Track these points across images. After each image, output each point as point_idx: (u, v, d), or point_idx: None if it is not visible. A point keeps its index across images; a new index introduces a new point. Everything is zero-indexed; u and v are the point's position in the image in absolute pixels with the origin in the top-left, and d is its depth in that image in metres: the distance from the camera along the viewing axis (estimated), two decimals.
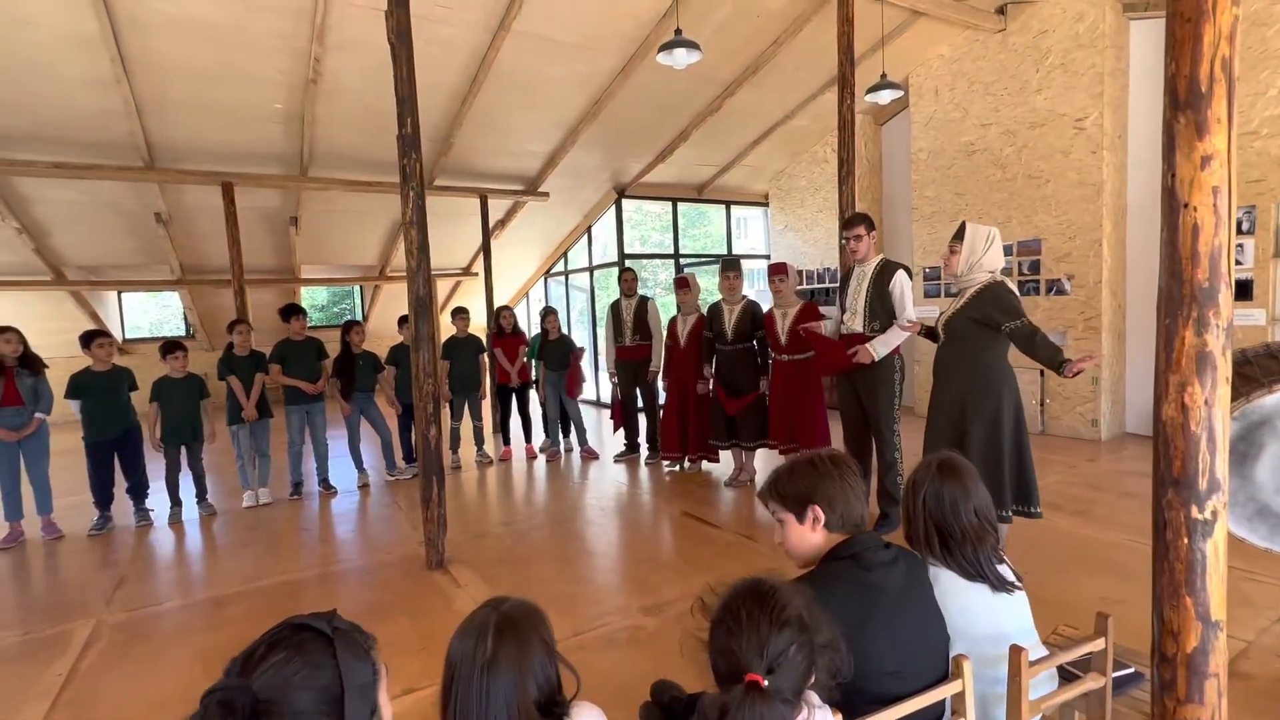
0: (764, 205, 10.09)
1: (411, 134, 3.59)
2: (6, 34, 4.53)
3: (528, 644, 1.04)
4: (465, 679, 1.01)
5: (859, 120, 7.70)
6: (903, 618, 1.33)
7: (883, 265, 3.84)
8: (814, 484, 1.41)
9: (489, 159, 7.56)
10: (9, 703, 2.61)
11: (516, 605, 1.10)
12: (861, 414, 3.98)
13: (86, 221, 7.28)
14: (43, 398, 4.61)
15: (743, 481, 5.12)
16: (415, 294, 3.67)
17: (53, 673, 2.82)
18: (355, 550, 4.26)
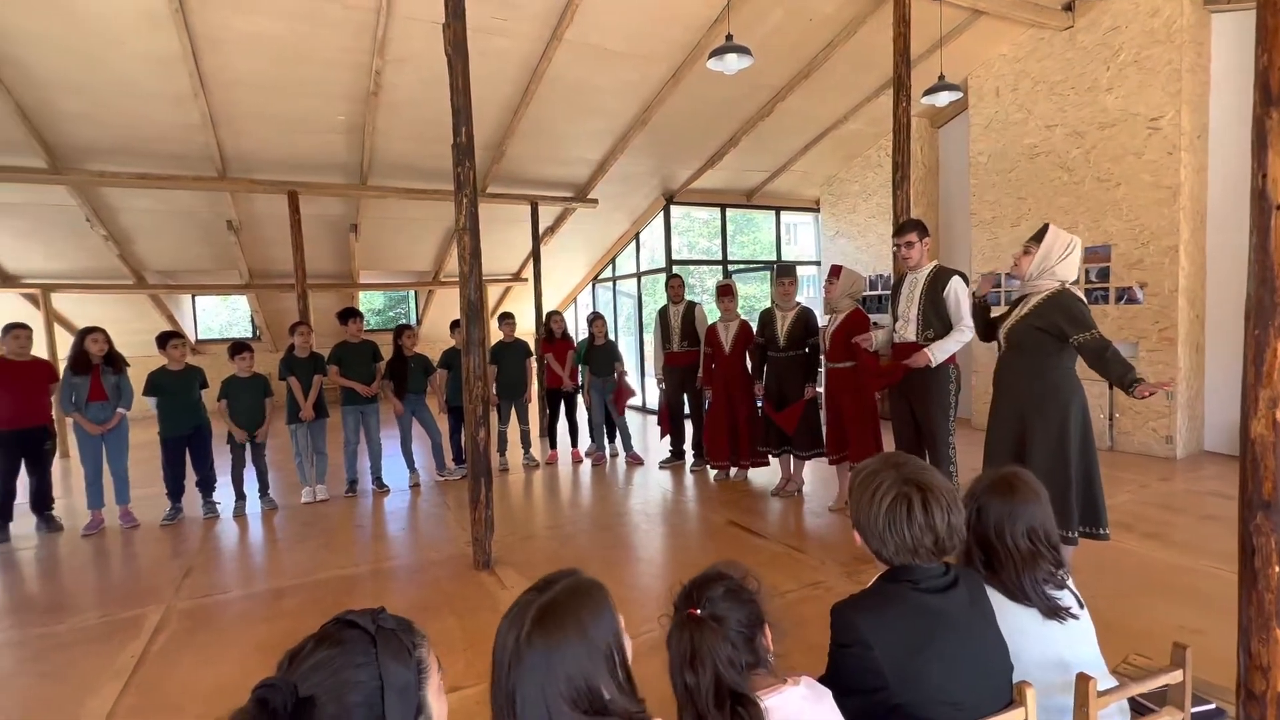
0: (814, 211, 9.93)
1: (466, 143, 3.68)
2: (100, 54, 4.86)
3: (561, 635, 0.97)
4: (501, 667, 0.98)
5: (915, 123, 7.51)
6: (964, 644, 1.26)
7: (936, 272, 3.71)
8: (860, 512, 1.33)
9: (540, 167, 7.68)
10: (89, 681, 2.77)
11: (569, 589, 1.03)
12: (914, 425, 3.85)
13: (165, 229, 7.72)
14: (124, 394, 4.91)
15: (790, 492, 5.03)
16: (467, 299, 3.74)
17: (127, 654, 2.99)
18: (405, 548, 4.36)
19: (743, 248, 22.30)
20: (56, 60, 4.87)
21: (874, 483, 1.32)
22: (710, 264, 10.14)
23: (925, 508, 1.27)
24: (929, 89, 5.81)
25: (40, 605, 3.68)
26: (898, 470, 1.34)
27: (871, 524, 1.30)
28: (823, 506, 4.74)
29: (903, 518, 1.26)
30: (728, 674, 1.07)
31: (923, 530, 1.26)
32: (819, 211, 9.75)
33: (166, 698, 2.65)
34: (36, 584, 4.05)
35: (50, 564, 4.34)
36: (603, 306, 11.28)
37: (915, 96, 5.50)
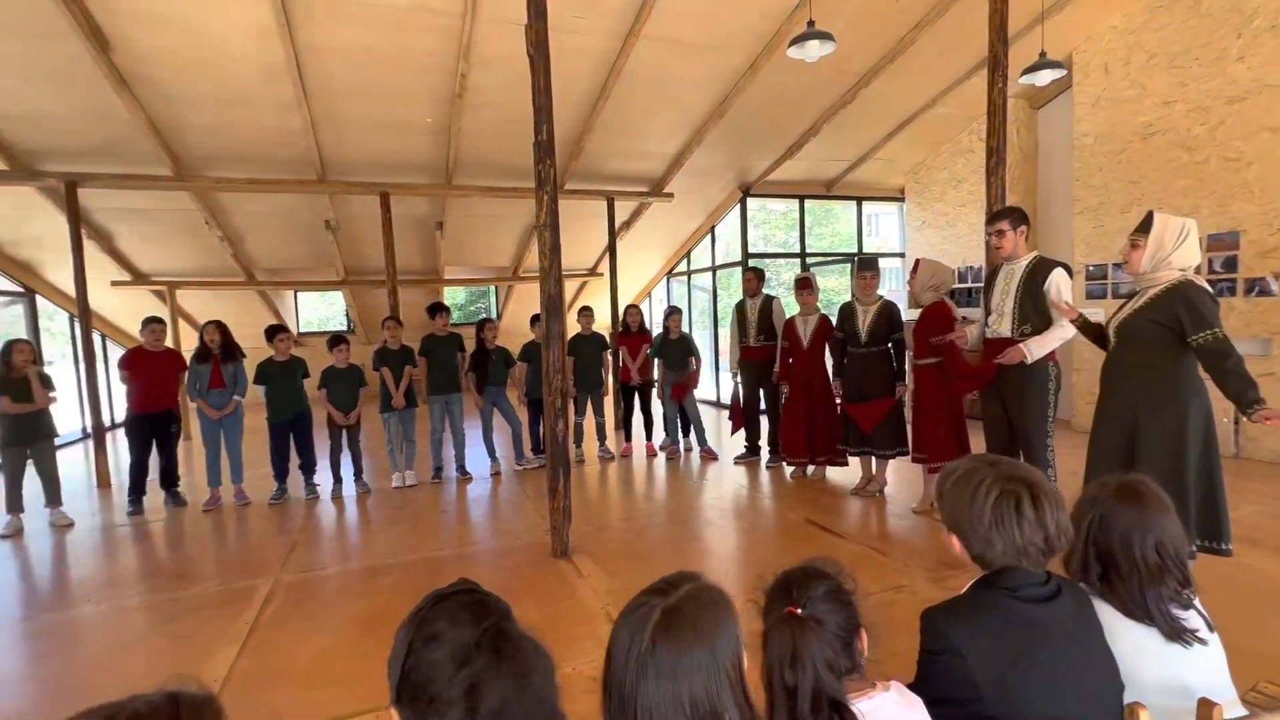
0: (899, 200, 9.53)
1: (547, 140, 3.76)
2: (218, 68, 5.28)
3: (686, 647, 0.91)
4: (618, 678, 0.94)
5: (1011, 105, 7.05)
6: (1068, 659, 1.18)
7: (1036, 263, 3.48)
8: (961, 512, 1.26)
9: (616, 162, 7.74)
10: (210, 643, 3.04)
11: (688, 598, 0.96)
12: (1008, 427, 3.63)
13: (271, 229, 8.32)
14: (240, 382, 5.34)
15: (871, 493, 4.87)
16: (547, 293, 3.83)
17: (241, 621, 3.26)
18: (487, 534, 4.53)
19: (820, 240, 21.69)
20: (182, 76, 5.33)
21: (973, 481, 1.25)
22: (787, 257, 9.95)
23: (1035, 504, 1.21)
24: (1028, 68, 5.45)
25: (168, 572, 4.07)
26: (995, 468, 1.27)
27: (975, 524, 1.23)
28: (906, 508, 4.56)
29: (1011, 516, 1.20)
30: (827, 678, 1.03)
31: (1033, 528, 1.20)
32: (904, 201, 9.35)
33: (275, 662, 2.87)
34: (164, 553, 4.48)
35: (175, 535, 4.79)
36: (677, 301, 11.26)
37: (1012, 76, 5.17)
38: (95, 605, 3.57)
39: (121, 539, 4.77)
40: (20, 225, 7.14)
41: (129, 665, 2.93)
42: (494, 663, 0.84)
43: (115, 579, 4.01)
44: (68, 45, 4.69)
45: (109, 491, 6.08)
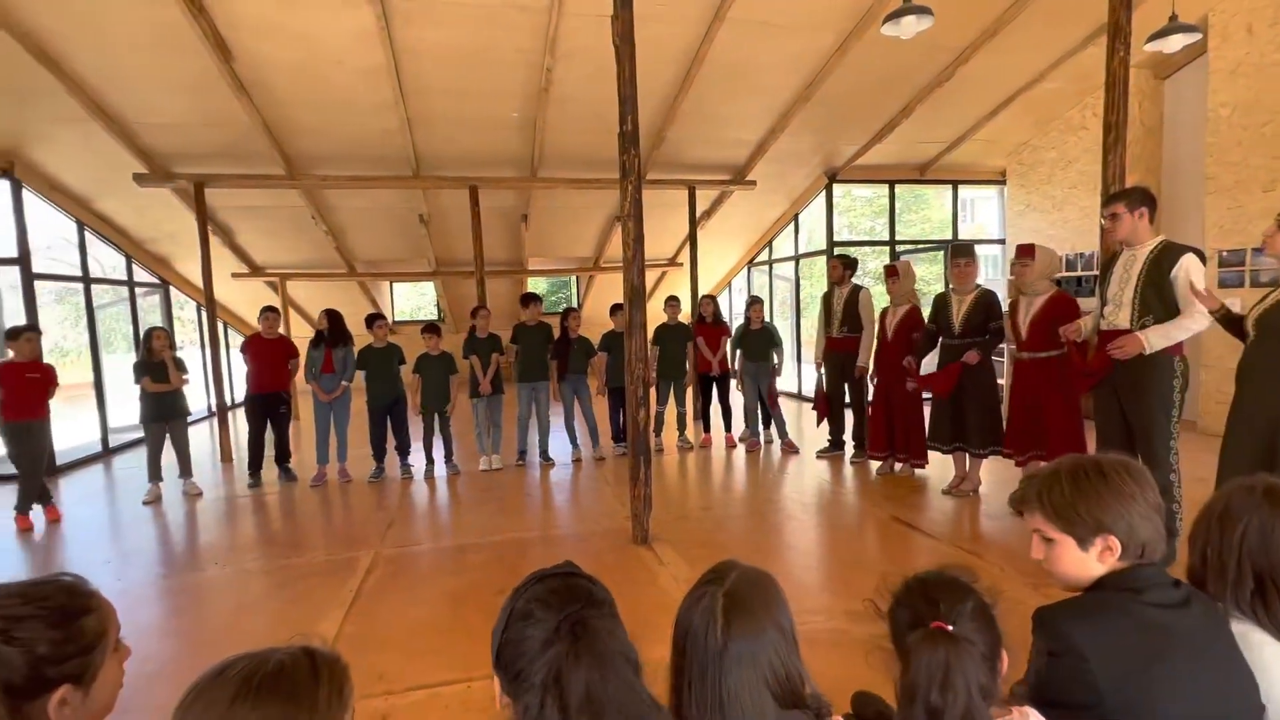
0: (999, 183, 8.95)
1: (632, 131, 3.77)
2: (324, 72, 5.63)
3: (758, 625, 0.98)
4: (699, 663, 0.98)
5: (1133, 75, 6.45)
6: (1199, 670, 1.09)
7: (1162, 248, 3.17)
8: (1110, 506, 1.16)
9: (698, 150, 7.68)
10: (320, 608, 3.29)
11: (743, 580, 1.02)
12: (1125, 427, 3.35)
13: (370, 224, 8.81)
14: (349, 367, 5.72)
15: (965, 492, 4.62)
16: (630, 283, 3.86)
17: (346, 589, 3.50)
18: (569, 518, 4.65)
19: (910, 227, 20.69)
20: (293, 81, 5.71)
21: (1067, 468, 1.22)
22: (875, 245, 9.56)
23: (1140, 484, 1.18)
24: (1155, 33, 4.97)
25: (281, 541, 4.43)
26: (1073, 456, 1.27)
27: (1120, 511, 1.16)
28: (1002, 509, 4.31)
29: (1138, 498, 1.16)
30: (978, 704, 0.95)
31: (1155, 510, 1.17)
32: (1004, 184, 8.77)
33: (377, 629, 3.07)
34: (278, 523, 4.87)
35: (287, 507, 5.19)
36: (758, 290, 11.08)
37: (1135, 44, 4.72)
38: (221, 568, 3.94)
39: (241, 508, 5.23)
40: (158, 223, 7.91)
41: (251, 623, 3.21)
42: (571, 650, 0.87)
43: (236, 545, 4.40)
44: (198, 58, 5.13)
45: (230, 465, 6.67)
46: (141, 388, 5.32)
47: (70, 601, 0.90)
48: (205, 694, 0.74)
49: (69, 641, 0.87)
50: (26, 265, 6.35)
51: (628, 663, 0.91)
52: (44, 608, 0.86)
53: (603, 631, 0.90)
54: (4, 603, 0.83)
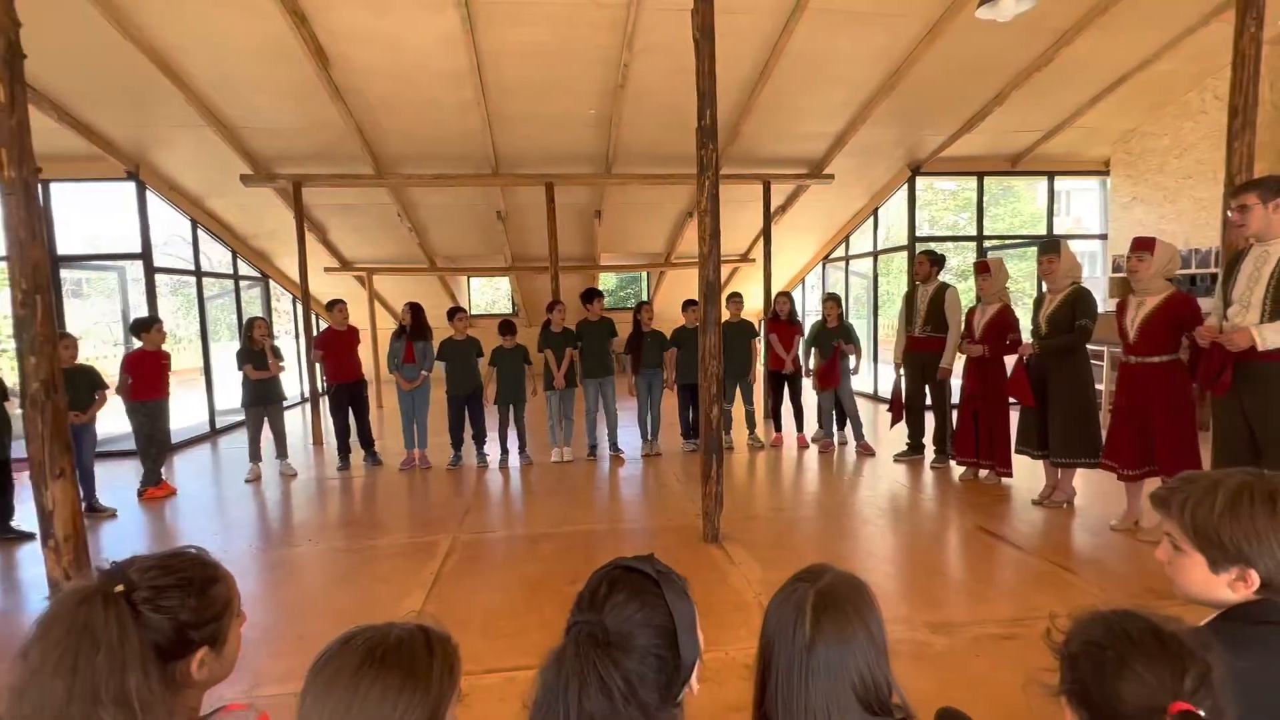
0: (1102, 174, 8.33)
1: (710, 125, 3.74)
2: (411, 75, 5.86)
3: (850, 629, 0.96)
4: (785, 661, 0.97)
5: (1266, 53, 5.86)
6: None
7: None
8: (1263, 540, 1.03)
9: (774, 144, 7.53)
10: (402, 586, 3.44)
11: (837, 582, 1.01)
12: (1248, 436, 3.06)
13: (450, 220, 9.13)
14: (428, 358, 5.97)
15: (1057, 503, 4.34)
16: (705, 279, 3.83)
17: (427, 571, 3.65)
18: (639, 513, 4.67)
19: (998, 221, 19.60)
20: (382, 84, 5.98)
21: (1231, 486, 1.06)
22: (960, 240, 9.12)
23: None
24: None
25: (366, 522, 4.67)
26: (1245, 473, 1.10)
27: (1273, 548, 1.02)
28: (1101, 524, 4.02)
29: None
30: None
31: None
32: (1107, 174, 8.16)
33: (456, 611, 3.18)
34: (363, 505, 5.13)
35: (372, 491, 5.47)
36: (833, 287, 10.78)
37: (1269, 18, 4.28)
38: (313, 545, 4.19)
39: (330, 489, 5.54)
40: (260, 220, 8.47)
41: (340, 598, 3.40)
42: (575, 657, 0.87)
43: (325, 523, 4.67)
44: (299, 66, 5.44)
45: (321, 448, 7.08)
46: (244, 374, 5.72)
47: (202, 572, 0.97)
48: (333, 660, 0.80)
49: (204, 608, 0.94)
50: (149, 260, 6.95)
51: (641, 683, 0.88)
52: (183, 578, 0.93)
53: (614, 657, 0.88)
54: (149, 574, 0.91)
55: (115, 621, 0.83)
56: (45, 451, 3.37)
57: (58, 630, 0.81)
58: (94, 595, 0.85)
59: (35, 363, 3.34)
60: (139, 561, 0.94)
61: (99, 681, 0.80)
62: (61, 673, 0.79)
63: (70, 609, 0.83)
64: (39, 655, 0.80)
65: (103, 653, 0.81)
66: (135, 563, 0.93)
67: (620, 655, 0.88)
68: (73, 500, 3.48)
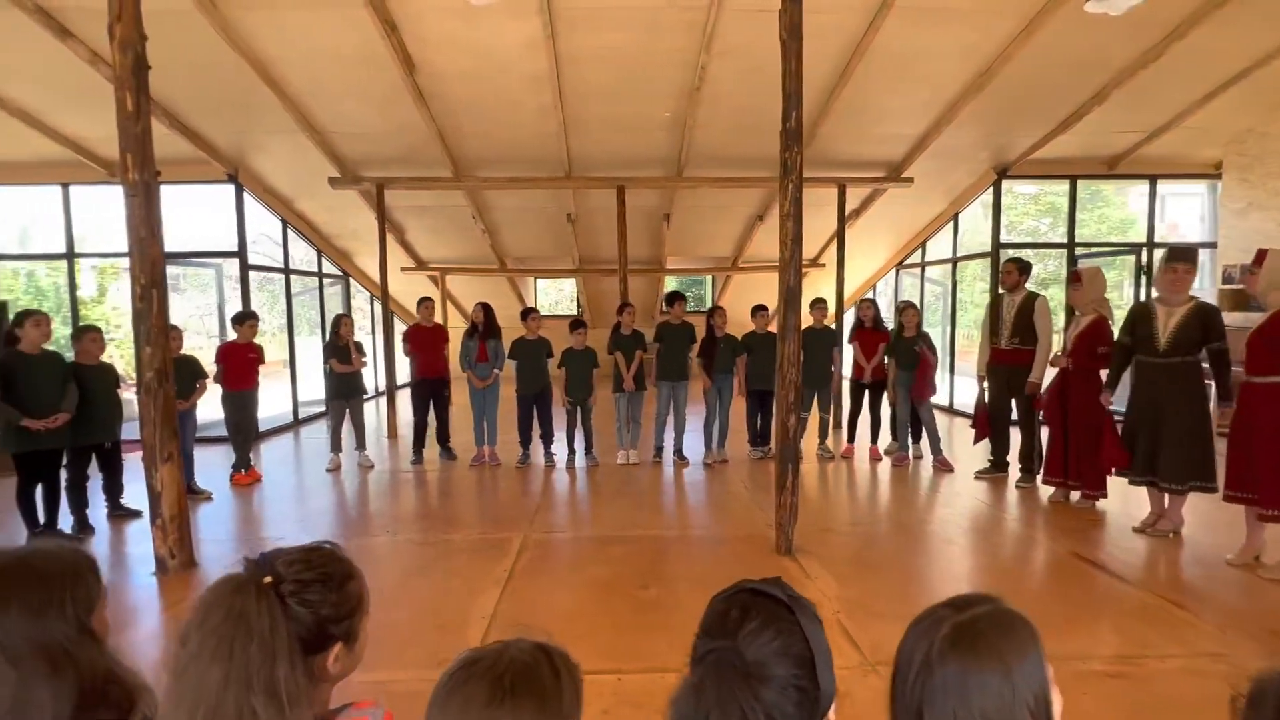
0: (1212, 177, 7.74)
1: (795, 127, 3.65)
2: (493, 79, 6.00)
3: (978, 663, 0.86)
4: (904, 680, 0.91)
5: None
6: None
7: None
8: None
9: (851, 146, 7.33)
10: (477, 582, 3.50)
11: (986, 616, 0.91)
12: None
13: (522, 222, 9.31)
14: (500, 357, 6.09)
15: (1163, 532, 4.03)
16: (786, 284, 3.75)
17: (500, 568, 3.70)
18: (707, 520, 4.61)
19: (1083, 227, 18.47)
20: (465, 89, 6.15)
21: None
22: (1048, 247, 8.64)
23: None
24: None
25: (440, 516, 4.79)
26: None
27: None
28: (1215, 556, 3.70)
29: None
30: None
31: None
32: (1218, 178, 7.57)
33: (530, 610, 3.21)
34: (438, 499, 5.27)
35: (445, 485, 5.61)
36: (906, 294, 10.42)
37: None
38: (392, 536, 4.32)
39: (404, 482, 5.72)
40: (343, 221, 8.86)
41: (419, 589, 3.48)
42: (716, 688, 0.82)
43: (402, 515, 4.81)
44: (387, 72, 5.66)
45: (395, 442, 7.32)
46: (329, 368, 5.98)
47: (341, 568, 0.99)
48: (460, 690, 0.77)
49: (342, 604, 0.96)
50: (244, 257, 7.36)
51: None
52: (323, 573, 0.95)
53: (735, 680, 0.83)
54: (294, 568, 0.93)
55: (267, 612, 0.85)
56: (156, 436, 3.60)
57: (215, 617, 0.84)
58: (247, 585, 0.87)
59: (150, 353, 3.57)
60: (283, 554, 0.96)
61: (252, 670, 0.82)
62: (219, 659, 0.81)
63: (226, 597, 0.85)
64: (198, 640, 0.83)
65: (255, 642, 0.83)
66: (280, 555, 0.96)
67: (759, 687, 0.83)
68: (179, 483, 3.71)
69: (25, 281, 13.23)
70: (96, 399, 4.41)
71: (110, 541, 4.37)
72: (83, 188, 7.39)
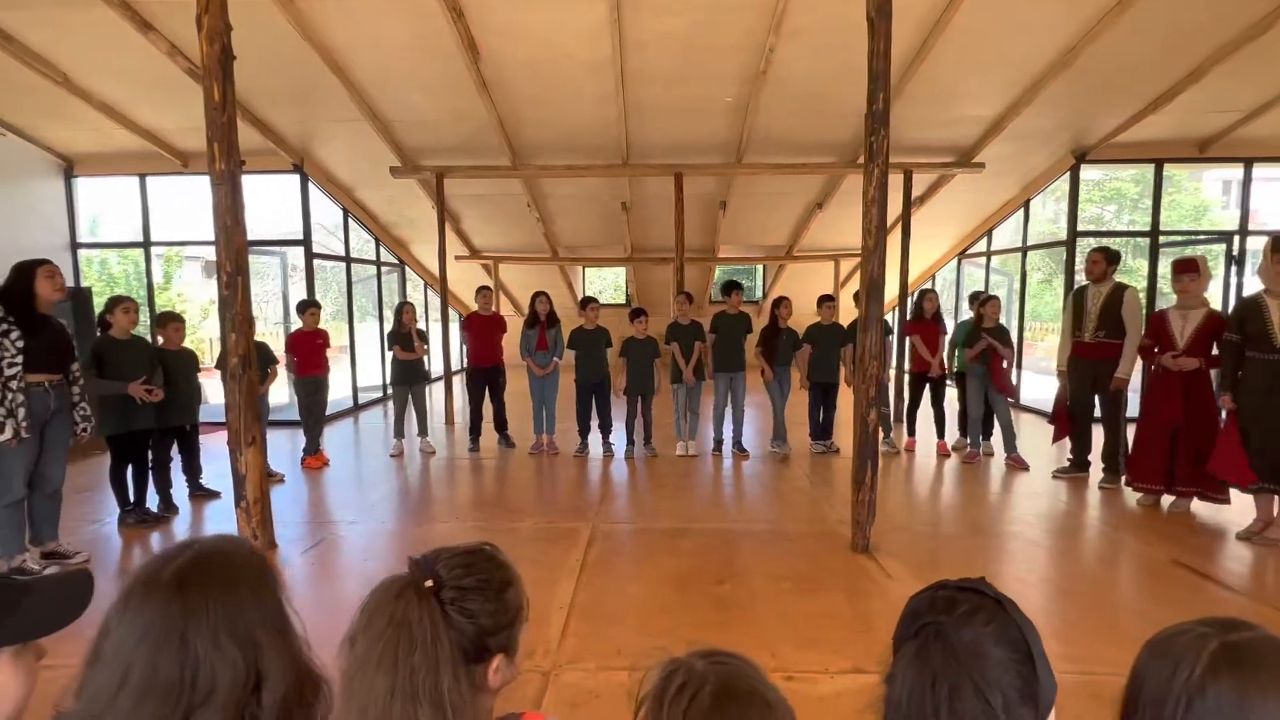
0: None
1: (882, 109, 3.51)
2: (555, 66, 5.95)
3: (1260, 694, 0.78)
4: (1155, 699, 0.82)
5: None
6: None
7: None
8: None
9: (920, 130, 7.04)
10: (552, 573, 3.49)
11: (1261, 642, 0.82)
12: None
13: (576, 211, 9.28)
14: (559, 346, 6.07)
15: (1272, 540, 3.77)
16: (869, 274, 3.61)
17: (573, 558, 3.68)
18: (773, 515, 4.51)
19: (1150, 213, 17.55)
20: (526, 77, 6.11)
21: None
22: (1133, 235, 8.20)
23: None
24: None
25: (506, 503, 4.81)
26: None
27: None
28: None
29: None
30: None
31: None
32: None
33: (607, 602, 3.18)
34: (498, 487, 5.30)
35: (504, 473, 5.64)
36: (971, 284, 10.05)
37: None
38: (460, 523, 4.36)
39: (465, 469, 5.78)
40: (402, 210, 8.98)
41: None
42: (943, 656, 0.80)
43: (467, 502, 4.86)
44: (451, 60, 5.66)
45: (453, 428, 7.42)
46: (393, 355, 6.06)
47: (501, 574, 0.94)
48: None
49: (500, 614, 0.90)
50: (309, 246, 7.52)
51: None
52: (483, 580, 0.90)
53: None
54: (455, 573, 0.88)
55: (428, 619, 0.81)
56: (240, 420, 3.68)
57: (379, 622, 0.80)
58: (408, 589, 0.83)
59: (235, 339, 3.65)
60: (444, 556, 0.92)
61: (417, 681, 0.78)
62: (384, 668, 0.78)
63: (389, 602, 0.82)
64: (365, 646, 0.80)
65: (419, 651, 0.79)
66: (441, 557, 0.91)
67: (981, 662, 0.79)
68: (261, 466, 3.79)
69: (99, 269, 13.88)
70: (179, 383, 4.56)
71: (191, 521, 4.52)
72: (157, 178, 7.65)
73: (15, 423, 3.28)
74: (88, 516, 4.46)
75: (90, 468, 5.35)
